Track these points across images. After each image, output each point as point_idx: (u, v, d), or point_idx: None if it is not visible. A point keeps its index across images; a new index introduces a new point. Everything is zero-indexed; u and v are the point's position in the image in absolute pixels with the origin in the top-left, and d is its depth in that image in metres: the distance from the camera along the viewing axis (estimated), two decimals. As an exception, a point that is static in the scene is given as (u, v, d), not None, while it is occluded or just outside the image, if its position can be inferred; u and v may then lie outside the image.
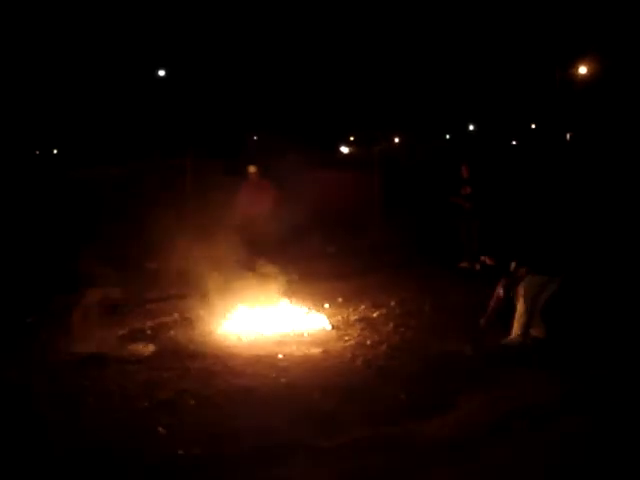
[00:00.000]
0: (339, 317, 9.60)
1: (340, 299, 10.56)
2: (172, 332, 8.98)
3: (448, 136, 47.21)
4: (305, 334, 8.83)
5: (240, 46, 41.06)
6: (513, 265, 8.10)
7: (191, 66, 40.69)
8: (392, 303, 10.12)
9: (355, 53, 42.85)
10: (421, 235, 15.44)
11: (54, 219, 14.14)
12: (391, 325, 9.05)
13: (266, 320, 9.22)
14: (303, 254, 12.76)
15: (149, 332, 8.95)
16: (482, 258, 8.72)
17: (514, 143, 37.61)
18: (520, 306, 8.00)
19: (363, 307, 10.07)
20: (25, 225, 13.72)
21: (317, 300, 10.29)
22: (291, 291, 10.16)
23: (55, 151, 40.94)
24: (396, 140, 44.56)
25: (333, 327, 9.11)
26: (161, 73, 39.55)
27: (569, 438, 5.50)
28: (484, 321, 8.54)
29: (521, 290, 8.00)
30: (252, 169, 12.91)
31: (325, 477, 5.09)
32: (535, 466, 5.13)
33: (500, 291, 8.34)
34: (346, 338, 8.67)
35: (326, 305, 10.14)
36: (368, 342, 8.43)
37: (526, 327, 8.01)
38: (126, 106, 39.50)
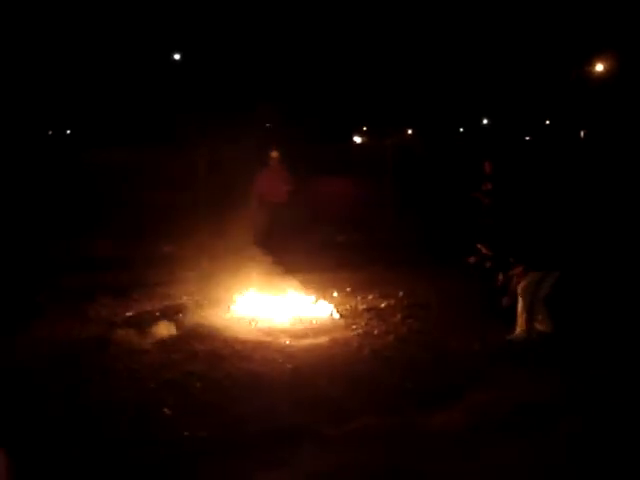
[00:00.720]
0: (347, 306, 9.62)
1: (349, 289, 10.57)
2: (180, 315, 9.01)
3: (462, 129, 47.09)
4: (313, 322, 8.85)
5: (256, 33, 40.98)
6: (511, 262, 8.12)
7: (206, 51, 40.65)
8: (400, 294, 10.12)
9: (371, 44, 42.71)
10: (434, 229, 15.40)
11: (66, 200, 14.19)
12: (399, 316, 9.05)
13: (275, 307, 9.25)
14: (313, 243, 12.78)
15: (158, 314, 8.98)
16: (478, 246, 8.66)
17: (527, 139, 37.46)
18: (520, 302, 8.01)
19: (371, 297, 10.08)
20: (37, 206, 13.78)
21: (326, 289, 10.30)
22: (300, 279, 10.18)
23: (68, 132, 41.02)
24: (409, 132, 44.51)
25: (341, 316, 9.13)
26: (176, 57, 39.58)
27: (573, 437, 5.50)
28: (507, 300, 8.45)
29: (520, 287, 8.02)
30: (274, 154, 12.69)
31: (329, 464, 5.11)
32: (539, 464, 5.14)
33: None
34: (353, 327, 8.69)
35: (335, 294, 10.16)
36: (375, 332, 8.44)
37: (529, 322, 8.01)
38: (140, 89, 39.51)
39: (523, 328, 7.99)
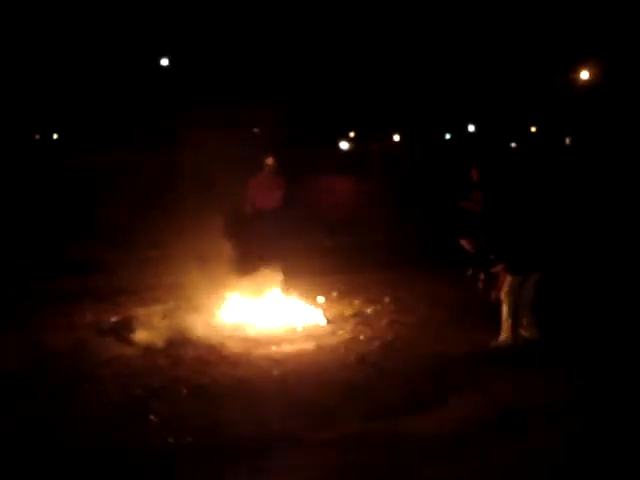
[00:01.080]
0: (333, 311, 9.62)
1: (335, 294, 10.58)
2: (166, 320, 8.97)
3: (448, 136, 47.20)
4: (299, 328, 8.84)
5: (243, 38, 40.95)
6: (492, 259, 8.12)
7: (193, 56, 40.58)
8: (387, 300, 10.14)
9: (356, 50, 42.77)
10: (420, 233, 15.43)
11: (52, 204, 14.14)
12: (385, 321, 9.06)
13: (261, 312, 9.24)
14: (300, 247, 12.79)
15: (144, 319, 8.95)
16: (461, 240, 8.64)
17: (513, 145, 37.62)
18: (505, 308, 7.98)
19: (358, 302, 10.09)
20: (25, 210, 13.73)
21: (312, 294, 10.30)
22: (287, 284, 10.17)
23: (55, 136, 40.84)
24: (396, 138, 44.55)
25: (328, 321, 9.13)
26: (164, 62, 39.47)
27: (569, 438, 5.52)
28: (495, 294, 8.43)
29: (503, 292, 7.99)
30: (270, 161, 12.30)
31: (313, 471, 5.10)
32: (534, 465, 5.15)
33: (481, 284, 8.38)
34: (340, 332, 8.69)
35: (321, 299, 10.15)
36: (362, 337, 8.44)
37: (514, 328, 8.00)
38: (127, 93, 39.40)
39: (508, 334, 7.97)
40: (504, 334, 8.00)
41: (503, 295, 7.98)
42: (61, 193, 14.85)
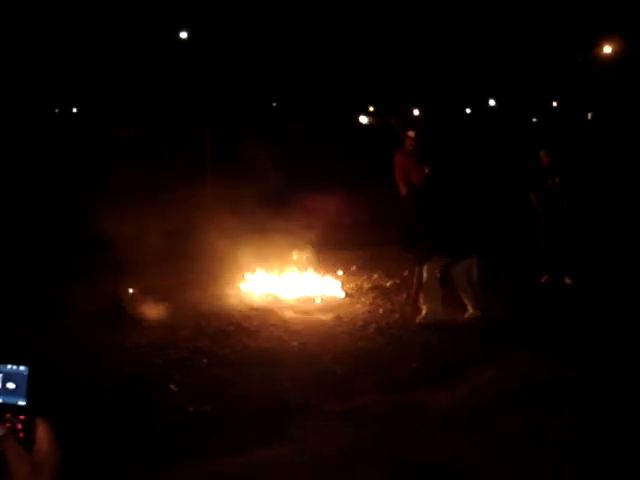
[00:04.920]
0: (352, 285, 9.63)
1: (354, 267, 10.58)
2: (187, 293, 9.04)
3: (468, 111, 46.88)
4: (318, 300, 8.88)
5: (263, 12, 40.73)
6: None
7: (213, 30, 40.45)
8: (406, 273, 10.12)
9: (378, 25, 42.45)
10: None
11: (71, 179, 14.19)
12: (404, 295, 9.06)
13: (281, 284, 9.27)
14: (319, 223, 12.76)
15: (164, 291, 8.99)
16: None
17: (534, 120, 37.28)
18: (459, 286, 8.19)
19: (376, 276, 10.09)
20: (42, 186, 13.80)
21: (331, 268, 10.31)
22: (306, 258, 10.17)
23: (75, 110, 40.99)
24: (415, 112, 44.30)
25: (346, 294, 9.15)
26: (183, 35, 39.36)
27: (581, 415, 5.53)
28: (412, 300, 8.53)
29: (454, 271, 8.16)
30: (412, 133, 11.04)
31: (334, 440, 5.15)
32: (544, 439, 5.17)
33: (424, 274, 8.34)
34: (358, 305, 8.72)
35: (340, 272, 10.17)
36: (380, 310, 8.47)
37: (477, 298, 8.15)
38: (147, 68, 39.40)
39: (474, 306, 8.12)
40: (471, 309, 8.14)
41: (454, 275, 8.19)
42: (80, 167, 14.88)
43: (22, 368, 1.21)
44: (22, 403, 1.18)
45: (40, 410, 1.18)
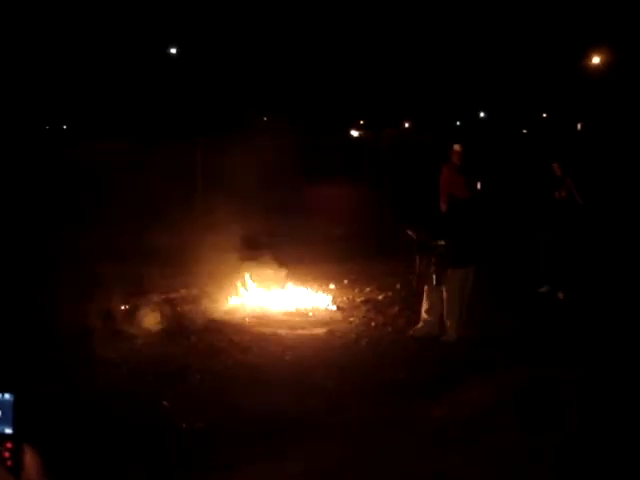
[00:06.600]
0: (345, 298, 9.63)
1: (346, 281, 10.57)
2: (179, 308, 9.01)
3: (458, 123, 47.05)
4: (310, 314, 8.86)
5: (252, 26, 40.89)
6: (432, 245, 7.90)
7: (202, 45, 40.57)
8: (398, 286, 10.12)
9: (367, 38, 42.67)
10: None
11: (59, 196, 14.17)
12: (396, 308, 9.06)
13: (272, 299, 9.26)
14: (310, 236, 12.75)
15: (156, 307, 8.96)
16: (408, 232, 8.25)
17: (525, 132, 37.42)
18: (449, 306, 7.79)
19: (369, 289, 10.08)
20: (29, 202, 13.77)
21: (323, 281, 10.30)
22: (297, 272, 10.17)
23: (65, 127, 40.95)
24: (406, 125, 44.44)
25: (338, 308, 9.15)
26: (173, 51, 39.46)
27: (573, 431, 5.51)
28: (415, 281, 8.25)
29: (449, 290, 7.78)
30: (458, 147, 10.59)
31: (327, 454, 5.12)
32: (546, 450, 5.15)
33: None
34: (351, 319, 8.70)
35: (332, 286, 10.16)
36: (373, 324, 8.46)
37: (460, 323, 7.83)
38: (137, 83, 39.45)
39: (455, 328, 7.81)
40: (451, 329, 7.82)
41: (449, 294, 7.79)
42: (69, 183, 14.86)
43: (7, 396, 1.20)
44: (9, 431, 1.16)
45: (27, 437, 1.16)
